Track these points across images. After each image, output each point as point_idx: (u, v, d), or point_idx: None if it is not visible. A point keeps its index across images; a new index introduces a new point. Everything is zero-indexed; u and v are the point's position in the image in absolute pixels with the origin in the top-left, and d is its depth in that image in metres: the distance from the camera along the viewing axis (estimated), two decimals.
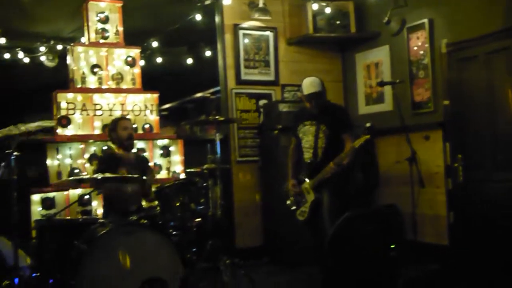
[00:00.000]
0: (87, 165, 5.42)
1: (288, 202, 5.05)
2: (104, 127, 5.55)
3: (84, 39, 5.99)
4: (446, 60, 5.45)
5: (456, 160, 5.26)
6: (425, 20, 5.65)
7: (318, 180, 4.77)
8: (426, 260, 4.86)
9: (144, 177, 4.87)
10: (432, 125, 5.58)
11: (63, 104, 5.46)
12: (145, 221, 4.23)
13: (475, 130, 5.18)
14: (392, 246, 4.15)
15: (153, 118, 5.89)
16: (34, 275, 4.16)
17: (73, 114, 5.50)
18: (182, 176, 5.76)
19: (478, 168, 5.12)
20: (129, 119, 5.18)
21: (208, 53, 8.31)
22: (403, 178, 5.07)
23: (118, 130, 4.94)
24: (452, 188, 5.38)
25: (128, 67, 5.85)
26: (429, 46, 5.63)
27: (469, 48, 5.23)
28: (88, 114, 5.56)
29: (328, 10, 6.41)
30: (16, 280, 3.81)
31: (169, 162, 5.84)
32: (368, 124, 4.55)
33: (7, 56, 8.08)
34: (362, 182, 6.16)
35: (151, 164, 5.52)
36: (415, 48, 5.81)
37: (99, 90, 5.64)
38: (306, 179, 4.89)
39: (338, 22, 6.47)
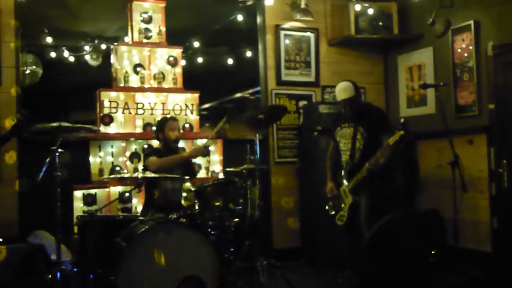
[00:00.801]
0: (128, 163, 5.50)
1: (327, 207, 5.04)
2: (146, 126, 5.63)
3: (127, 39, 6.09)
4: (492, 63, 5.32)
5: (501, 165, 5.13)
6: (471, 22, 5.52)
7: (356, 182, 4.74)
8: (467, 267, 4.76)
9: (187, 177, 4.94)
10: (476, 129, 5.46)
11: (106, 103, 5.56)
12: (184, 220, 4.26)
13: None
14: (432, 252, 4.08)
15: (194, 117, 5.94)
16: (75, 270, 4.26)
17: (115, 112, 5.59)
18: (221, 176, 5.79)
19: None
20: (177, 120, 5.16)
21: (249, 54, 8.33)
22: (445, 182, 4.98)
23: (165, 131, 4.97)
24: (496, 194, 5.24)
25: (170, 66, 5.92)
26: (475, 49, 5.50)
27: None
28: (130, 113, 5.64)
29: (370, 11, 6.34)
30: (58, 275, 3.89)
31: (208, 161, 5.87)
32: (402, 120, 4.48)
33: (53, 55, 8.28)
34: (402, 185, 6.08)
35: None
36: (460, 50, 5.69)
37: (141, 89, 5.72)
38: (344, 182, 4.87)
39: (380, 23, 6.40)
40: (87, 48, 8.39)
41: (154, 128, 5.21)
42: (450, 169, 4.60)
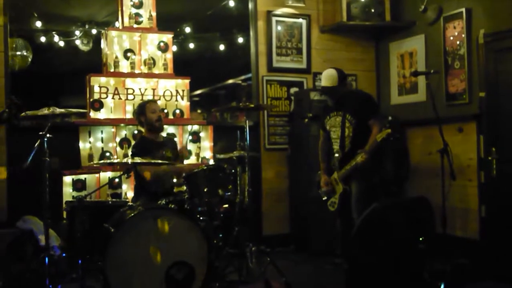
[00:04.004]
0: (118, 148, 5.49)
1: (320, 191, 5.07)
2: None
3: (118, 24, 6.04)
4: (483, 51, 5.31)
5: (490, 153, 5.15)
6: (463, 9, 5.51)
7: (346, 172, 4.77)
8: (455, 254, 4.79)
9: (178, 164, 4.94)
10: (466, 117, 5.46)
11: (96, 88, 5.53)
12: (173, 205, 4.26)
13: (510, 123, 5.06)
14: (420, 239, 4.09)
15: (184, 103, 5.92)
16: (63, 255, 4.26)
17: (105, 98, 5.56)
18: (211, 162, 5.79)
19: None
20: (156, 101, 5.22)
21: (240, 40, 8.30)
22: (434, 170, 5.00)
23: (147, 114, 4.97)
24: (485, 182, 5.27)
25: (161, 52, 5.88)
26: (466, 36, 5.50)
27: (508, 38, 5.09)
28: (120, 98, 5.61)
29: None
30: (46, 260, 3.89)
31: (198, 147, 5.86)
32: (390, 118, 4.52)
33: (43, 39, 8.21)
34: (392, 173, 6.09)
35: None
36: (451, 38, 5.68)
37: (131, 75, 5.69)
38: (335, 171, 4.90)
39: (372, 10, 6.35)
40: (77, 32, 8.32)
41: (135, 114, 5.15)
42: (439, 157, 4.61)
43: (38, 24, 7.58)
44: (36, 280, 4.13)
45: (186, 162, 5.62)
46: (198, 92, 11.46)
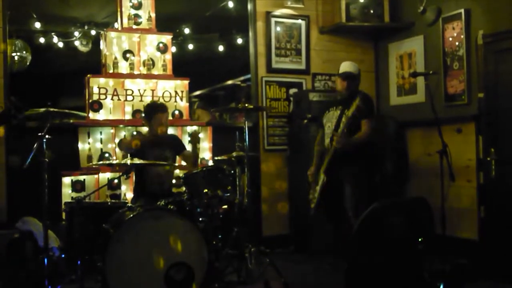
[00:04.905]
0: (117, 149, 5.48)
1: (310, 196, 5.11)
2: (135, 112, 5.60)
3: (117, 25, 6.04)
4: (482, 51, 5.31)
5: (489, 154, 5.15)
6: (462, 10, 5.51)
7: (328, 162, 4.82)
8: (454, 255, 4.79)
9: (175, 164, 4.94)
10: (465, 118, 5.46)
11: (95, 89, 5.52)
12: (173, 206, 4.26)
13: (509, 123, 5.06)
14: (419, 240, 4.10)
15: (183, 104, 5.92)
16: (63, 256, 4.26)
17: (104, 98, 5.55)
18: (210, 163, 5.79)
19: (511, 162, 5.01)
20: (165, 111, 5.04)
21: (239, 41, 8.30)
22: (433, 171, 4.99)
23: (152, 123, 4.93)
24: (484, 182, 5.27)
25: (160, 53, 5.87)
26: (465, 37, 5.50)
27: (507, 39, 5.09)
28: (119, 99, 5.61)
29: None
30: (46, 261, 3.89)
31: (198, 149, 5.84)
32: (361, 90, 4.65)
33: (42, 40, 8.22)
34: (391, 173, 6.10)
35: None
36: (450, 39, 5.68)
37: (130, 76, 5.68)
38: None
39: (371, 11, 6.36)
40: (76, 33, 8.33)
41: (144, 112, 5.14)
42: (438, 158, 4.61)
43: (37, 25, 7.58)
44: (35, 281, 4.12)
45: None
46: (198, 93, 11.46)
